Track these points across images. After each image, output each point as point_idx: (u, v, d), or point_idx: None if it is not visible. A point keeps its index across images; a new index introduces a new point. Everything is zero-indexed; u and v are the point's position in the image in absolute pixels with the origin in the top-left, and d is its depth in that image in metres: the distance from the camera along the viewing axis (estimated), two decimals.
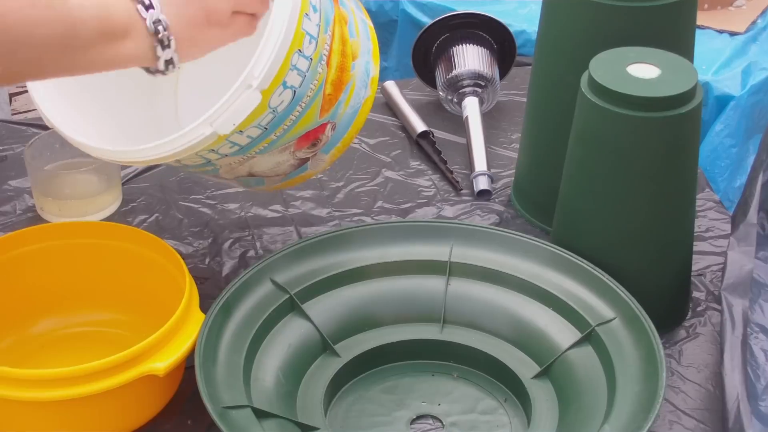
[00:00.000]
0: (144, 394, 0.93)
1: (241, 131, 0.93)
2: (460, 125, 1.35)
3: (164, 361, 0.89)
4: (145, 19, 0.84)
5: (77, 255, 1.03)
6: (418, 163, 1.31)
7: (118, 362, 0.88)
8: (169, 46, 0.86)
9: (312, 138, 1.00)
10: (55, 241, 1.03)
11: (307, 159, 1.03)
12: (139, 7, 0.84)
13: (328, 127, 1.00)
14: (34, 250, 1.02)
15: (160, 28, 0.85)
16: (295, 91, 0.93)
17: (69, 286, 1.04)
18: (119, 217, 1.20)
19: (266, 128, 0.94)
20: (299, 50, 0.92)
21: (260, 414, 0.90)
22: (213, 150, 0.94)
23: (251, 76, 0.90)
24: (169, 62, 0.87)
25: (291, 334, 1.00)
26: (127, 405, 0.92)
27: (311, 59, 0.94)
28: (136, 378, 0.88)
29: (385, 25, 2.09)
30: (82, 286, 1.04)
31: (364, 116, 1.04)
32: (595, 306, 0.99)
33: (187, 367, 0.96)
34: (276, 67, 0.91)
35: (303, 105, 0.95)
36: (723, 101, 1.81)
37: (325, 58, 0.96)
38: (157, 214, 1.21)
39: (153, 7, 0.85)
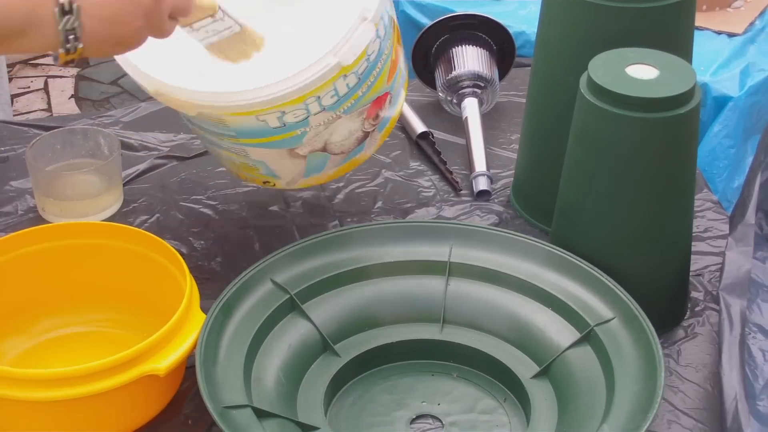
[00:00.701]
0: (145, 393, 0.93)
1: (345, 75, 0.99)
2: (459, 126, 1.35)
3: (165, 361, 0.90)
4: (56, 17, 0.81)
5: (78, 255, 1.03)
6: (417, 163, 1.31)
7: (119, 362, 0.88)
8: (76, 41, 0.83)
9: (379, 106, 1.06)
10: (56, 241, 1.03)
11: (368, 134, 1.08)
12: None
13: (388, 98, 1.07)
14: (36, 251, 1.02)
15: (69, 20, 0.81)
16: (380, 44, 1.00)
17: (70, 286, 1.04)
18: (120, 217, 1.20)
19: (360, 78, 1.01)
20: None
21: (261, 414, 0.91)
22: (318, 97, 0.98)
23: (366, 9, 0.98)
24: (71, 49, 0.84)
25: (291, 334, 1.00)
26: (127, 405, 0.92)
27: (391, 18, 1.03)
28: (136, 378, 0.89)
29: None
30: (83, 286, 1.05)
31: (405, 93, 1.13)
32: (594, 306, 0.99)
33: (187, 367, 0.97)
34: (383, 4, 0.99)
35: (382, 62, 1.02)
36: (721, 102, 1.81)
37: (392, 24, 1.03)
38: (158, 215, 1.21)
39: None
